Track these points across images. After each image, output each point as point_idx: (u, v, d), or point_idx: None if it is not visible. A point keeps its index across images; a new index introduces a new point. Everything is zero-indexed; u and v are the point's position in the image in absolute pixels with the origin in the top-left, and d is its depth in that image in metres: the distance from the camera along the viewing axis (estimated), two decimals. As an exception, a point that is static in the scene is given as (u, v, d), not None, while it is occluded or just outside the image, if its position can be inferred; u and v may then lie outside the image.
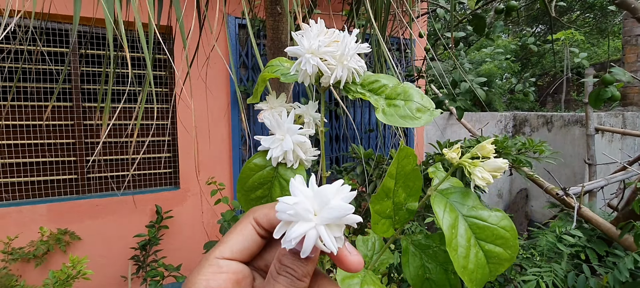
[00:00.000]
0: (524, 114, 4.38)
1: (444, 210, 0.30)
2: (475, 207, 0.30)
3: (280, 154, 0.28)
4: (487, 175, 0.30)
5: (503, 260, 0.29)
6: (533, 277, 1.25)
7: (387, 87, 0.29)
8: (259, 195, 0.30)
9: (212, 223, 2.64)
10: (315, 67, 0.26)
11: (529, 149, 1.88)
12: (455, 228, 0.29)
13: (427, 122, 0.28)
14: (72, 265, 1.44)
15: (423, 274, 0.32)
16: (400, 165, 0.30)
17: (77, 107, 2.32)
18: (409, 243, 0.34)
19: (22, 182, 2.23)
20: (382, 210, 0.31)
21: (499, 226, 0.29)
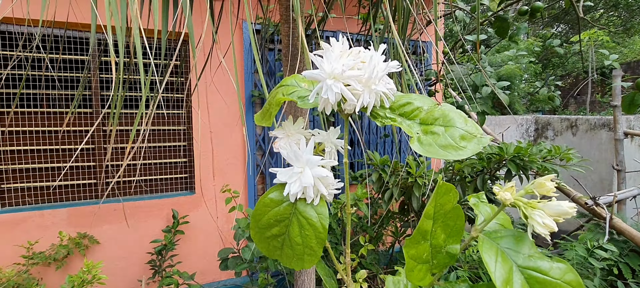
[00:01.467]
0: (546, 118, 4.22)
1: (495, 259, 0.25)
2: (532, 256, 0.25)
3: (298, 190, 0.25)
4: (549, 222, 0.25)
5: None
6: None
7: (421, 110, 0.24)
8: (275, 233, 0.26)
9: (227, 229, 2.64)
10: (338, 95, 0.22)
11: (555, 157, 1.79)
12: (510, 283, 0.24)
13: (474, 153, 0.24)
14: (87, 269, 1.45)
15: None
16: (438, 203, 0.26)
17: (96, 113, 2.37)
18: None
19: (44, 187, 2.29)
20: (419, 255, 0.27)
21: (563, 281, 0.24)
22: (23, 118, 2.22)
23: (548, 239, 0.25)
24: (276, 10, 2.48)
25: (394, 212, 2.25)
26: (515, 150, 1.72)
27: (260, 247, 0.27)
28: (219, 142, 2.60)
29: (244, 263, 1.63)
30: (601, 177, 3.66)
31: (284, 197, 0.26)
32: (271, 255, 0.28)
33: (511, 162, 1.71)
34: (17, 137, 2.21)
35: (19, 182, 2.24)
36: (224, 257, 1.70)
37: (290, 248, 0.26)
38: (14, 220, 2.16)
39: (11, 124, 2.20)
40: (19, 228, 2.15)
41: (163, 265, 2.29)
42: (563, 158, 1.77)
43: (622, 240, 1.77)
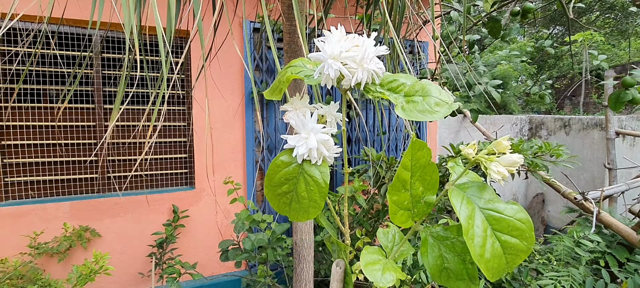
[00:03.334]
0: (540, 117, 4.29)
1: (461, 202, 0.31)
2: (491, 200, 0.31)
3: (305, 152, 0.30)
4: (502, 170, 0.31)
5: (519, 251, 0.30)
6: (550, 282, 1.24)
7: (405, 85, 0.31)
8: (284, 190, 0.32)
9: (226, 224, 2.68)
10: (337, 72, 0.28)
11: (545, 153, 1.85)
12: (472, 219, 0.30)
13: (445, 115, 0.29)
14: (95, 260, 1.50)
15: (441, 264, 0.34)
16: (414, 157, 0.32)
17: (98, 108, 2.41)
18: (428, 234, 0.36)
19: (46, 180, 2.33)
20: (400, 202, 0.33)
21: (515, 218, 0.30)
22: (26, 113, 2.25)
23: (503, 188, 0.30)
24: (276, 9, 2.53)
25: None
26: (507, 146, 1.78)
27: (272, 204, 0.33)
28: (219, 139, 2.64)
29: (243, 253, 1.68)
30: (593, 176, 3.74)
31: (293, 159, 0.32)
32: (281, 211, 0.34)
33: (503, 158, 1.77)
34: (20, 131, 2.25)
35: (22, 176, 2.27)
36: (225, 249, 1.75)
37: (297, 203, 0.32)
38: (18, 213, 2.20)
39: (14, 119, 2.24)
40: (22, 221, 2.19)
41: (164, 258, 2.33)
42: (553, 155, 1.83)
43: (610, 234, 1.84)
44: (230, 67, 2.62)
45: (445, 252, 0.34)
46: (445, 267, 0.34)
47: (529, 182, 4.49)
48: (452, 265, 0.34)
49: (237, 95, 2.68)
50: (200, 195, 2.62)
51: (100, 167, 2.44)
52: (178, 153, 2.64)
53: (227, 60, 2.57)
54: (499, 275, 0.30)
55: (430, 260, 0.34)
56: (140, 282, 2.46)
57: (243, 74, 2.68)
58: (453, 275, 0.34)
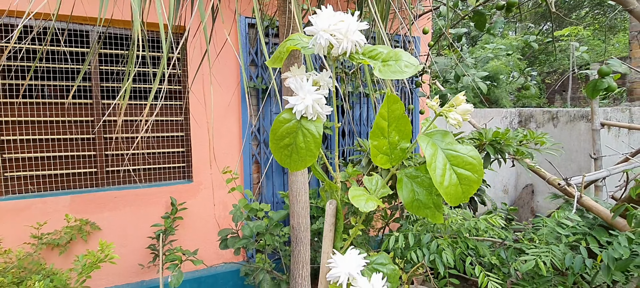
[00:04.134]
0: (529, 110, 4.41)
1: (427, 144, 0.38)
2: (451, 142, 0.38)
3: (302, 109, 0.37)
4: (458, 116, 0.39)
5: (472, 181, 0.37)
6: (532, 258, 1.32)
7: (382, 53, 0.38)
8: (286, 143, 0.39)
9: (224, 216, 2.74)
10: (327, 41, 0.35)
11: (530, 141, 1.94)
12: (435, 156, 0.37)
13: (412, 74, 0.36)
14: (100, 248, 1.55)
15: (413, 197, 0.41)
16: (390, 109, 0.39)
17: (96, 104, 2.45)
18: (403, 174, 0.43)
19: (46, 175, 2.36)
20: (380, 147, 0.40)
21: (468, 155, 0.38)
22: (24, 108, 2.29)
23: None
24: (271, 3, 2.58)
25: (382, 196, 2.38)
26: (493, 135, 1.87)
27: (276, 156, 0.40)
28: (215, 133, 2.69)
29: (242, 240, 1.75)
30: (580, 166, 3.86)
31: (293, 116, 0.38)
32: (284, 163, 0.40)
33: (490, 146, 1.86)
34: (19, 126, 2.28)
35: (22, 171, 2.31)
36: (224, 237, 1.81)
37: (296, 154, 0.39)
38: (18, 207, 2.23)
39: (13, 114, 2.27)
40: (22, 215, 2.22)
41: (163, 249, 2.38)
42: (537, 143, 1.92)
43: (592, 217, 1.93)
44: (226, 63, 2.67)
45: (416, 187, 0.42)
46: (417, 199, 0.41)
47: (518, 174, 4.61)
48: (422, 197, 0.41)
49: (233, 90, 2.73)
50: (198, 188, 2.67)
51: (99, 161, 2.48)
52: (175, 147, 2.69)
53: (222, 55, 2.62)
54: (456, 201, 0.37)
55: (405, 194, 0.42)
56: (141, 273, 2.51)
57: (238, 69, 2.73)
58: (422, 205, 0.41)
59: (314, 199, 2.47)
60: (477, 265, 1.35)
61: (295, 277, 1.46)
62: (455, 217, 1.45)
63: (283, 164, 0.41)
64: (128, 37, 2.53)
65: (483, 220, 1.44)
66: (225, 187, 2.72)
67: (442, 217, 0.41)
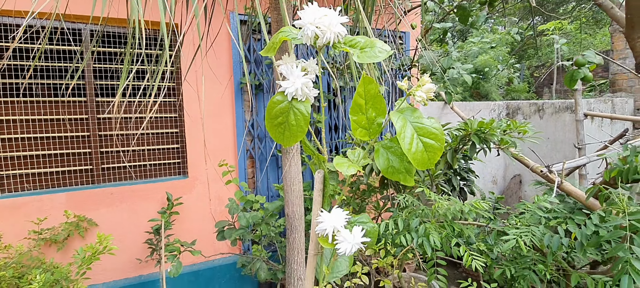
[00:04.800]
0: (517, 103, 4.53)
1: (398, 119, 0.45)
2: (418, 117, 0.45)
3: (293, 91, 0.44)
4: (423, 95, 0.46)
5: (435, 149, 0.45)
6: (513, 237, 1.40)
7: (360, 42, 0.45)
8: (280, 121, 0.45)
9: (220, 210, 2.79)
10: (313, 32, 0.41)
11: (513, 130, 2.03)
12: (404, 128, 0.44)
13: (384, 58, 0.43)
14: (99, 241, 1.59)
15: (388, 164, 0.48)
16: (366, 88, 0.45)
17: (90, 101, 2.47)
18: (380, 146, 0.50)
19: (42, 173, 2.38)
20: (359, 121, 0.47)
21: (432, 127, 0.45)
22: (19, 106, 2.30)
23: None
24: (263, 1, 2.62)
25: (374, 187, 2.46)
26: (478, 125, 1.95)
27: (271, 133, 0.46)
28: (210, 129, 2.74)
29: (238, 230, 1.80)
30: (565, 155, 3.99)
31: (285, 97, 0.45)
32: (278, 139, 0.47)
33: (475, 136, 1.94)
34: (14, 125, 2.30)
35: (17, 169, 2.32)
36: (221, 228, 1.86)
37: (288, 130, 0.45)
38: (14, 204, 2.25)
39: (7, 113, 2.28)
40: (19, 213, 2.25)
41: (160, 244, 2.43)
42: (520, 132, 2.01)
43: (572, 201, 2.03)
44: (219, 59, 2.71)
45: (390, 156, 0.48)
46: (391, 166, 0.48)
47: (507, 165, 4.74)
48: (395, 164, 0.48)
49: (226, 87, 2.77)
50: (193, 183, 2.72)
51: (95, 158, 2.50)
52: (170, 143, 2.73)
53: (216, 52, 2.65)
54: (423, 166, 0.44)
55: (381, 162, 0.48)
56: (139, 268, 2.55)
57: (231, 66, 2.77)
58: (396, 171, 0.48)
59: (308, 191, 2.53)
60: (462, 246, 1.44)
61: (291, 263, 1.53)
62: (442, 203, 1.53)
63: (277, 140, 0.47)
64: (120, 35, 2.55)
65: (467, 204, 1.52)
66: (220, 182, 2.77)
67: (413, 180, 0.48)
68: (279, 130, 0.46)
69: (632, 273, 1.04)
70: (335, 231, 0.46)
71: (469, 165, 2.96)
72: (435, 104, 4.12)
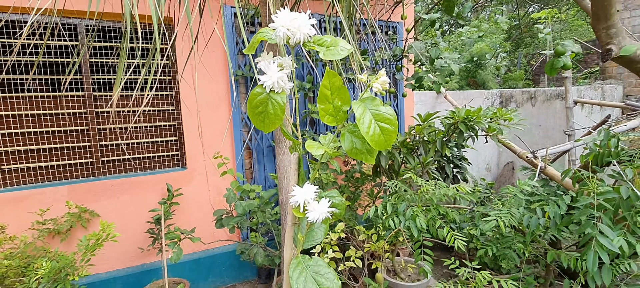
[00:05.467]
0: (510, 91, 4.59)
1: (358, 107, 0.52)
2: (376, 105, 0.52)
3: (270, 84, 0.51)
4: (379, 86, 0.53)
5: (390, 132, 0.52)
6: (493, 218, 1.49)
7: (326, 41, 0.52)
8: (260, 110, 0.52)
9: (218, 200, 2.87)
10: (285, 34, 0.48)
11: (499, 118, 2.10)
12: (364, 114, 0.51)
13: (346, 55, 0.49)
14: (102, 228, 1.67)
15: (352, 145, 0.55)
16: (331, 81, 0.52)
17: (88, 96, 2.52)
18: (345, 130, 0.57)
19: (43, 166, 2.45)
20: (326, 110, 0.54)
21: (387, 113, 0.52)
22: (18, 102, 2.35)
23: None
24: (255, -5, 2.66)
25: (368, 175, 2.54)
26: (465, 113, 2.02)
27: (253, 120, 0.53)
28: (206, 121, 2.79)
29: (236, 218, 1.88)
30: (555, 142, 4.07)
31: (263, 90, 0.52)
32: (258, 126, 0.54)
33: (462, 123, 2.01)
34: (14, 120, 2.35)
35: (19, 163, 2.39)
36: (219, 216, 1.94)
37: (268, 118, 0.52)
38: (17, 197, 2.32)
39: (7, 108, 2.33)
40: (22, 205, 2.32)
41: (161, 234, 2.51)
42: (506, 119, 2.08)
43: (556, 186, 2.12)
44: (214, 52, 2.75)
45: (354, 139, 0.55)
46: (355, 147, 0.55)
47: (500, 152, 4.82)
48: (358, 146, 0.55)
49: (222, 79, 2.82)
50: (192, 175, 2.79)
51: (94, 151, 2.57)
52: (168, 136, 2.79)
53: (210, 46, 2.70)
54: (380, 147, 0.51)
55: (346, 143, 0.56)
56: (141, 257, 2.64)
57: (226, 58, 2.82)
58: (358, 151, 0.55)
59: (302, 183, 2.61)
60: (446, 227, 1.52)
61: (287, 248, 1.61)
62: (428, 187, 1.61)
63: (258, 127, 0.54)
64: (116, 30, 2.59)
65: (452, 188, 1.60)
66: (218, 173, 2.85)
67: (373, 159, 0.55)
68: (259, 118, 0.53)
69: (598, 249, 1.12)
70: (306, 202, 0.53)
71: (462, 154, 3.04)
72: (429, 94, 4.18)
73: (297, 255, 0.58)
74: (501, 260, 1.50)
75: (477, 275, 1.39)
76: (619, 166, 1.29)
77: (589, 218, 1.24)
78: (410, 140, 2.25)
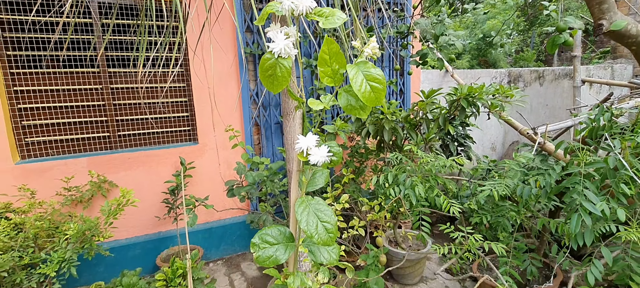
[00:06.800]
0: (518, 70, 4.56)
1: (351, 69, 0.61)
2: (368, 67, 0.61)
3: (278, 50, 0.59)
4: (369, 51, 0.62)
5: (379, 90, 0.60)
6: (488, 188, 1.57)
7: (325, 12, 0.59)
8: (269, 74, 0.61)
9: (229, 174, 3.00)
10: (289, 6, 0.56)
11: (500, 94, 2.15)
12: (356, 75, 0.60)
13: (340, 23, 0.58)
14: (122, 195, 1.81)
15: (348, 102, 0.65)
16: (329, 47, 0.60)
17: (103, 72, 2.63)
18: (342, 90, 0.65)
19: (64, 140, 2.60)
20: (326, 72, 0.62)
21: (376, 74, 0.60)
22: (37, 78, 2.48)
23: None
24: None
25: (372, 150, 2.63)
26: (468, 90, 2.07)
27: (264, 82, 0.62)
28: (216, 98, 2.89)
29: (246, 187, 2.01)
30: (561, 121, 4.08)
31: (272, 55, 0.60)
32: (269, 87, 0.63)
33: (464, 100, 2.07)
34: (34, 95, 2.48)
35: (41, 136, 2.54)
36: (230, 186, 2.07)
37: (276, 80, 0.61)
38: (42, 168, 2.48)
39: (28, 83, 2.46)
40: (46, 175, 2.48)
41: (176, 203, 2.67)
42: (507, 96, 2.12)
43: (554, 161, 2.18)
44: (223, 29, 2.82)
45: (349, 97, 0.64)
46: (350, 104, 0.64)
47: (506, 132, 4.84)
48: (353, 103, 0.64)
49: (231, 55, 2.90)
50: (203, 149, 2.92)
51: (111, 126, 2.70)
52: (180, 112, 2.90)
53: (219, 22, 2.76)
54: (371, 103, 0.59)
55: (342, 101, 0.65)
56: (158, 224, 2.82)
57: (235, 35, 2.88)
58: (353, 108, 0.64)
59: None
60: (443, 196, 1.61)
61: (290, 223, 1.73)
62: (427, 158, 1.69)
63: (268, 88, 0.63)
64: (129, 7, 2.66)
65: (450, 160, 1.68)
66: (228, 148, 2.97)
67: (366, 115, 0.64)
68: (269, 80, 0.62)
69: (581, 212, 1.20)
70: (308, 149, 0.62)
71: (467, 132, 3.10)
72: (436, 72, 4.19)
73: (302, 196, 0.68)
74: (495, 227, 1.59)
75: (470, 238, 1.49)
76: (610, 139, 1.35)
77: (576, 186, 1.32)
78: (414, 116, 2.32)
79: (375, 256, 1.88)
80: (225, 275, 2.79)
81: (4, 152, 2.37)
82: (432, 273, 2.61)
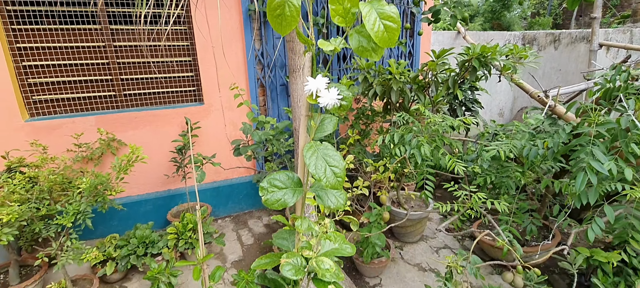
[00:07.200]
0: (533, 33, 4.38)
1: (365, 7, 0.58)
2: (382, 4, 0.58)
3: (286, -11, 0.57)
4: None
5: (393, 29, 0.58)
6: (494, 148, 1.57)
7: None
8: (278, 13, 0.59)
9: (234, 134, 3.02)
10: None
11: (514, 55, 2.08)
12: (369, 13, 0.58)
13: None
14: (132, 151, 1.84)
15: (359, 43, 0.63)
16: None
17: (105, 29, 2.58)
18: (353, 30, 0.64)
19: (70, 98, 2.60)
20: (337, 10, 0.60)
21: (391, 11, 0.58)
22: (39, 34, 2.43)
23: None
24: None
25: (378, 112, 2.60)
26: (481, 49, 2.00)
27: (272, 23, 0.60)
28: (221, 57, 2.84)
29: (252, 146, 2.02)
30: (574, 88, 3.98)
31: (282, -5, 0.58)
32: (277, 28, 0.61)
33: (476, 60, 2.00)
34: (37, 52, 2.45)
35: (48, 94, 2.54)
36: (237, 145, 2.08)
37: (284, 20, 0.59)
38: (51, 126, 2.52)
39: (30, 41, 2.43)
40: (56, 132, 2.52)
41: (184, 161, 2.72)
42: (521, 57, 2.06)
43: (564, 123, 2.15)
44: (227, -15, 2.71)
45: (360, 38, 0.63)
46: (361, 45, 0.63)
47: (515, 97, 4.75)
48: (364, 44, 0.62)
49: (235, 13, 2.80)
50: (209, 110, 2.92)
51: (116, 85, 2.69)
52: (185, 72, 2.87)
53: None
54: (385, 44, 0.58)
55: (353, 42, 0.63)
56: (166, 182, 2.89)
57: (239, -8, 2.77)
58: (365, 49, 0.63)
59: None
60: (448, 154, 1.61)
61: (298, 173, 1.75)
62: (434, 118, 1.67)
63: (276, 29, 0.61)
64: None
65: (457, 120, 1.67)
66: (234, 109, 2.96)
67: (378, 56, 0.62)
68: (277, 20, 0.60)
69: (588, 171, 1.20)
70: (318, 91, 0.62)
71: (476, 96, 3.04)
72: (447, 34, 4.04)
73: (310, 141, 0.68)
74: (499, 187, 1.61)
75: (473, 196, 1.51)
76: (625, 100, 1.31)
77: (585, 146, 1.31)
78: (423, 77, 2.27)
79: (378, 213, 1.93)
80: (233, 231, 2.90)
81: (13, 110, 2.40)
82: (433, 233, 2.68)
